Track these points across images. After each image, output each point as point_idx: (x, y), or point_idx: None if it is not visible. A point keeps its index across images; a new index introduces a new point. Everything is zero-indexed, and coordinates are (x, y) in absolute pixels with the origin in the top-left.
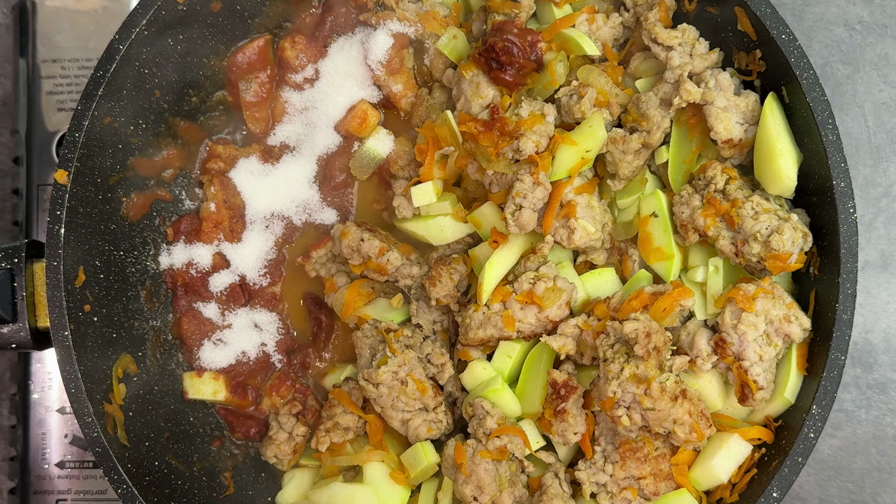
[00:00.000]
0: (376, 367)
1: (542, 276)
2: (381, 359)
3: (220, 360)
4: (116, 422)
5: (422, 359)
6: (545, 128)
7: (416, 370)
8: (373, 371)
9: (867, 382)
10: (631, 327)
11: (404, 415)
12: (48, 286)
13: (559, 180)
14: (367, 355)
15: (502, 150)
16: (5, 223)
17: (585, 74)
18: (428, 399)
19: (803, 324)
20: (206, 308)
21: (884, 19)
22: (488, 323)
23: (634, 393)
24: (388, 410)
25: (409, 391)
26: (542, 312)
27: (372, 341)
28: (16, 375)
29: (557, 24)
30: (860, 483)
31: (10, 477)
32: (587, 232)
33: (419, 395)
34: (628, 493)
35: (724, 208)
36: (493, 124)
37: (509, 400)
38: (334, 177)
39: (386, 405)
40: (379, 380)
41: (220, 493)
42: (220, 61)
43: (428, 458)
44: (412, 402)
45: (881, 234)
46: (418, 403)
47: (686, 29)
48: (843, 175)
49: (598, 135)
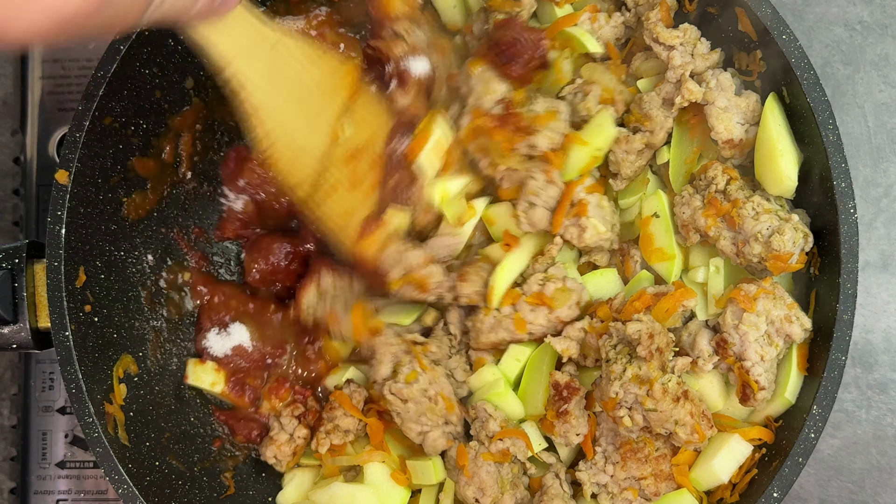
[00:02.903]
0: (405, 383)
1: (552, 277)
2: (410, 374)
3: (222, 348)
4: (117, 422)
5: (448, 374)
6: (560, 125)
7: (445, 388)
8: (402, 387)
9: (867, 382)
10: (634, 328)
11: (424, 427)
12: (49, 286)
13: (570, 179)
14: (387, 363)
15: (516, 145)
16: (5, 223)
17: (590, 72)
18: (453, 416)
19: (804, 324)
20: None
21: (884, 19)
22: (499, 326)
23: (636, 394)
24: (409, 423)
25: (438, 409)
26: (552, 313)
27: (396, 350)
28: (16, 375)
29: (560, 21)
30: (860, 483)
31: (10, 477)
32: (598, 231)
33: (446, 413)
34: (629, 493)
35: (725, 209)
36: (507, 119)
37: (512, 402)
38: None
39: (408, 419)
40: (409, 396)
41: (221, 494)
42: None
43: (437, 476)
44: (436, 419)
45: (881, 234)
46: (442, 419)
47: (688, 28)
48: (843, 175)
49: (608, 132)
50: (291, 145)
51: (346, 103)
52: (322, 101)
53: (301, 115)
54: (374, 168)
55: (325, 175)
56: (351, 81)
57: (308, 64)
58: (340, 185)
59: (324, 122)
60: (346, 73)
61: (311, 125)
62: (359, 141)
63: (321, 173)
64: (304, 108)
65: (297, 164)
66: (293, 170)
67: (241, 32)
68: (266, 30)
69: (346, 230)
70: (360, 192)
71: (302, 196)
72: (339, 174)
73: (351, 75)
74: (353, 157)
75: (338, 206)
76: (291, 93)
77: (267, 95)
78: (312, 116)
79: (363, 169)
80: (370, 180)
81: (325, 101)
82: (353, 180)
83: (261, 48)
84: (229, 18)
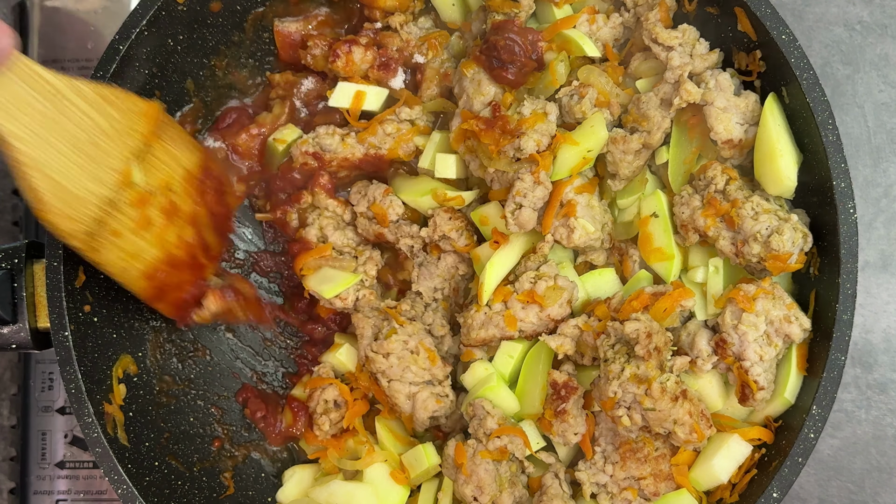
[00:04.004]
0: (386, 339)
1: (543, 276)
2: (390, 330)
3: None
4: (116, 422)
5: (426, 329)
6: (547, 127)
7: (425, 339)
8: (382, 342)
9: (867, 382)
10: (632, 327)
11: (411, 388)
12: (48, 286)
13: (560, 180)
14: (369, 335)
15: (503, 148)
16: (5, 223)
17: (586, 74)
18: (437, 370)
19: (803, 324)
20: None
21: (884, 19)
22: (490, 323)
23: (635, 393)
24: (396, 384)
25: (420, 360)
26: (543, 311)
27: (374, 321)
28: (16, 375)
29: (558, 24)
30: (860, 483)
31: (10, 477)
32: (587, 231)
33: (429, 365)
34: (628, 493)
35: (725, 209)
36: (494, 122)
37: (506, 397)
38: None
39: (394, 376)
40: (389, 349)
41: (221, 494)
42: (221, 61)
43: (429, 460)
44: (421, 373)
45: (881, 235)
46: (427, 374)
47: (686, 29)
48: (843, 175)
49: (600, 135)
50: (65, 197)
51: (139, 147)
52: (110, 149)
53: (80, 167)
54: (170, 208)
55: (107, 220)
56: (148, 124)
57: (94, 113)
58: (126, 229)
59: (110, 169)
60: (143, 116)
61: (93, 175)
62: (153, 184)
63: (102, 219)
64: (86, 158)
65: (70, 214)
66: (64, 221)
67: (7, 89)
68: (44, 81)
69: (127, 272)
70: (149, 234)
71: (76, 245)
72: (124, 218)
73: (147, 117)
74: (144, 200)
75: (120, 250)
76: (70, 145)
77: (37, 151)
78: (95, 166)
79: (155, 211)
80: (162, 221)
81: (114, 148)
82: (141, 223)
83: (33, 102)
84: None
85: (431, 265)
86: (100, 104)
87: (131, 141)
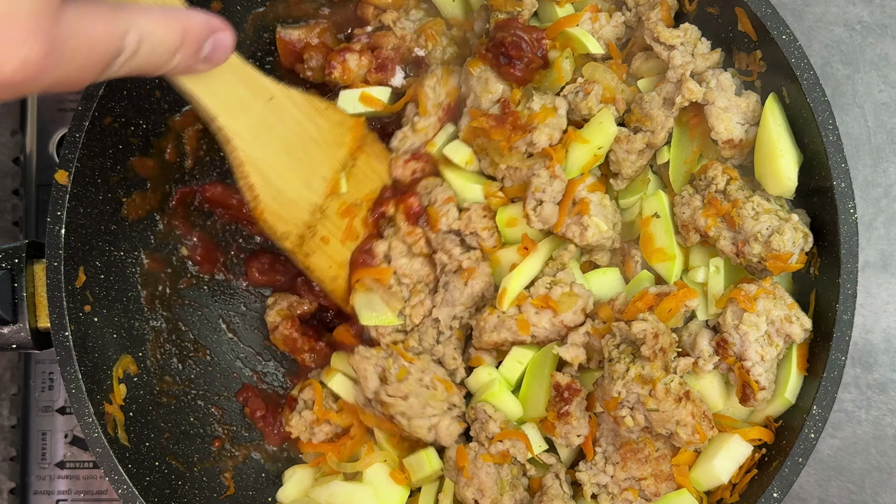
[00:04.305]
0: (399, 381)
1: (559, 282)
2: (400, 371)
3: None
4: (117, 422)
5: (437, 362)
6: (558, 121)
7: (437, 371)
8: (398, 385)
9: (867, 382)
10: (639, 328)
11: (432, 420)
12: (48, 287)
13: (572, 178)
14: (372, 376)
15: (515, 143)
16: (5, 223)
17: (591, 71)
18: (454, 397)
19: (804, 324)
20: None
21: (884, 19)
22: (503, 326)
23: (639, 393)
24: (416, 420)
25: (439, 394)
26: (556, 317)
27: (375, 360)
28: (16, 375)
29: (561, 22)
30: (860, 483)
31: (10, 477)
32: (600, 229)
33: (447, 396)
34: (629, 493)
35: (725, 209)
36: (504, 118)
37: (509, 402)
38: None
39: (415, 415)
40: (407, 391)
41: (221, 494)
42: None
43: (432, 466)
44: (440, 405)
45: (881, 235)
46: (446, 404)
47: (688, 28)
48: (843, 175)
49: (609, 130)
50: (280, 198)
51: (345, 159)
52: (319, 157)
53: (293, 170)
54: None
55: (317, 227)
56: (353, 137)
57: (305, 120)
58: (333, 237)
59: (319, 176)
60: (349, 129)
61: (304, 180)
62: (356, 196)
63: (312, 225)
64: (298, 163)
65: (284, 216)
66: (279, 222)
67: (228, 87)
68: (260, 85)
69: (336, 280)
70: (353, 245)
71: (289, 247)
72: (332, 226)
73: (354, 131)
74: (349, 211)
75: (329, 258)
76: (284, 148)
77: (255, 150)
78: (306, 172)
79: (358, 224)
80: (364, 233)
81: (323, 157)
82: (347, 233)
83: (252, 103)
84: (216, 73)
85: (457, 290)
86: (310, 113)
87: (339, 152)
